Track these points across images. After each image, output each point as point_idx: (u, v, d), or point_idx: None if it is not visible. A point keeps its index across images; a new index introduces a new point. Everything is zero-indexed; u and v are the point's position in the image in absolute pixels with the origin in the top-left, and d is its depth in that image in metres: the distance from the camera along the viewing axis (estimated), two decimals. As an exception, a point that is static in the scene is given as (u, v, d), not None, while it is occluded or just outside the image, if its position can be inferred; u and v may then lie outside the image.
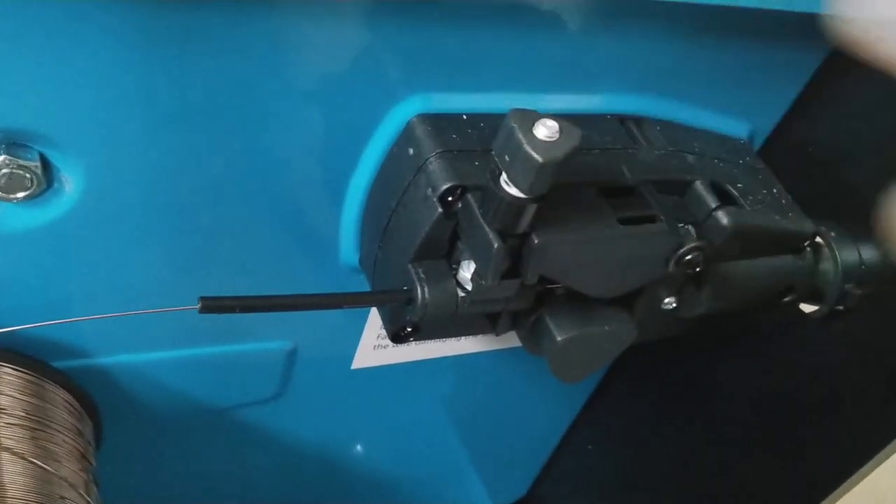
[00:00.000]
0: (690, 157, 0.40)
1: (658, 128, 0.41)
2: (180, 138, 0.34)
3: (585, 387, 0.64)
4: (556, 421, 0.68)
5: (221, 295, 0.32)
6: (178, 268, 0.39)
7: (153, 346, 0.42)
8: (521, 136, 0.29)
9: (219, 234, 0.38)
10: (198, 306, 0.31)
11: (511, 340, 0.42)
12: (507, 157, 0.30)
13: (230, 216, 0.38)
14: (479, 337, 0.52)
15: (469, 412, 0.63)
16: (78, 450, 0.39)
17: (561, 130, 0.30)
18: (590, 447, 0.67)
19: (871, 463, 0.41)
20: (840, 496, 0.43)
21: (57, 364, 0.40)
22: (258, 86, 0.33)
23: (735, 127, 0.44)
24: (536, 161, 0.29)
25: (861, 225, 0.42)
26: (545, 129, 0.29)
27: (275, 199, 0.38)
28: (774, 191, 0.42)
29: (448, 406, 0.61)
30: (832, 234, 0.42)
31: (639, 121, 0.41)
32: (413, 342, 0.40)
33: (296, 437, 0.55)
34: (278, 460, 0.56)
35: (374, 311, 0.47)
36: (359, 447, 0.62)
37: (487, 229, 0.32)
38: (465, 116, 0.37)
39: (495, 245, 0.32)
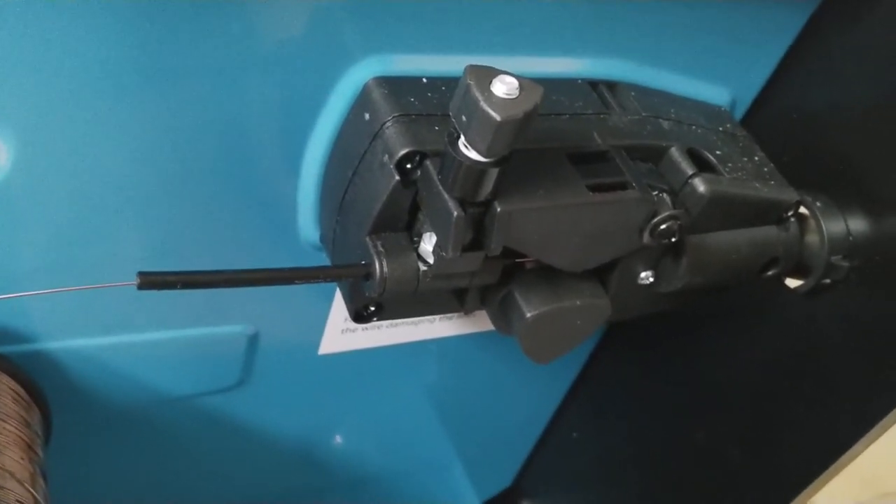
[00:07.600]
0: (666, 123, 0.38)
1: (632, 93, 0.39)
2: (121, 106, 0.32)
3: (568, 372, 0.63)
4: (540, 408, 0.66)
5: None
6: (125, 246, 0.37)
7: (105, 330, 0.40)
8: (477, 93, 0.27)
9: (168, 210, 0.36)
10: (136, 282, 0.29)
11: (489, 323, 0.40)
12: (463, 118, 0.28)
13: (179, 191, 0.36)
14: (455, 320, 0.50)
15: (449, 400, 0.61)
16: (23, 440, 0.37)
17: (521, 87, 0.28)
18: (575, 435, 0.65)
19: (861, 442, 0.39)
20: (830, 477, 0.42)
21: (1, 349, 0.38)
22: (203, 49, 0.31)
23: (715, 93, 0.42)
24: (494, 120, 0.27)
25: (849, 194, 0.41)
26: (504, 86, 0.28)
27: (226, 171, 0.36)
28: (756, 158, 0.40)
29: (427, 394, 0.60)
30: (818, 203, 0.41)
31: (612, 85, 0.39)
32: (377, 322, 0.38)
33: (265, 429, 0.52)
34: (248, 454, 0.54)
35: (339, 293, 0.45)
36: (336, 439, 0.60)
37: (447, 197, 0.31)
38: (424, 80, 0.35)
39: (454, 214, 0.30)
